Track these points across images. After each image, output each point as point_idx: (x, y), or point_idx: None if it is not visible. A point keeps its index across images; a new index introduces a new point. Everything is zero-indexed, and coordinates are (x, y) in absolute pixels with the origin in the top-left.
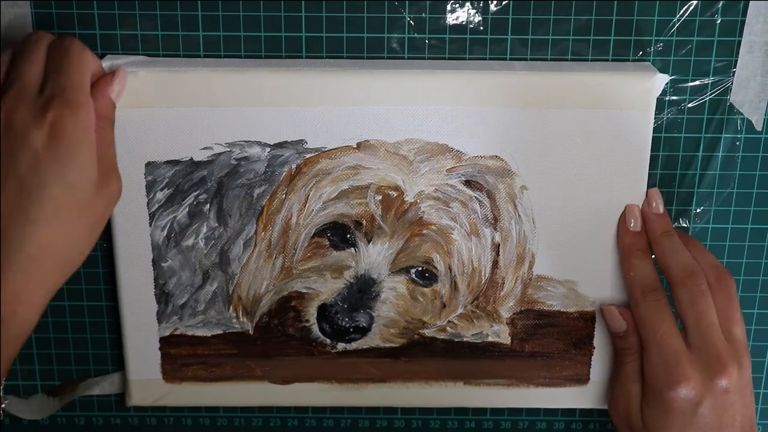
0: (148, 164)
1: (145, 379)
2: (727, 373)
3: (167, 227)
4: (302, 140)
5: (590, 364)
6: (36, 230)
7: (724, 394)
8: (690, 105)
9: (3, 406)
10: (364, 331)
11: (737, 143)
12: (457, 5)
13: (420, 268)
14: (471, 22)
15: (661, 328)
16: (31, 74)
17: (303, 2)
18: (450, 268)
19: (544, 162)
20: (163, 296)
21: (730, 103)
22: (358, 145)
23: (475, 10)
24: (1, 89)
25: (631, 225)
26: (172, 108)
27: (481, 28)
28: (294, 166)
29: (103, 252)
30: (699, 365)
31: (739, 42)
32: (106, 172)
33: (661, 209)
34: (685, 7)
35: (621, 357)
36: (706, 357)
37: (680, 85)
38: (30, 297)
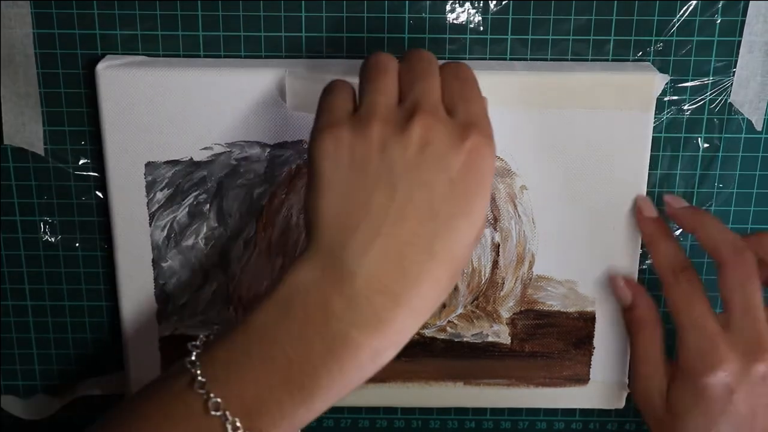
0: (148, 164)
1: (145, 379)
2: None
3: (167, 227)
4: (302, 140)
5: (590, 364)
6: (434, 266)
7: (763, 381)
8: (690, 105)
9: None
10: None
11: (737, 143)
12: (457, 5)
13: None
14: (471, 22)
15: (696, 309)
16: (435, 93)
17: (303, 2)
18: None
19: (544, 162)
20: (163, 296)
21: (730, 103)
22: None
23: (475, 10)
24: (400, 102)
25: (648, 212)
26: (172, 108)
27: (481, 28)
28: (294, 166)
29: (103, 252)
30: (738, 349)
31: (739, 42)
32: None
33: (654, 212)
34: (685, 7)
35: (629, 330)
36: (745, 340)
37: (680, 85)
38: (402, 338)
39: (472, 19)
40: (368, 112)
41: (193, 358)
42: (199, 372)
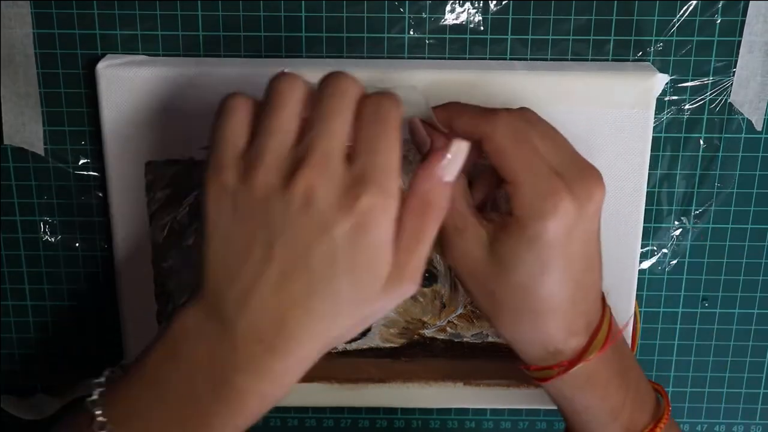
0: (148, 164)
1: None
2: (600, 195)
3: (167, 227)
4: None
5: None
6: (313, 323)
7: (593, 218)
8: (690, 105)
9: None
10: (363, 331)
11: (737, 143)
12: (457, 5)
13: None
14: (471, 22)
15: (526, 149)
16: (336, 139)
17: (303, 2)
18: (450, 268)
19: None
20: (163, 296)
21: (730, 103)
22: None
23: (475, 10)
24: (299, 145)
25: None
26: (172, 107)
27: (481, 28)
28: None
29: (103, 252)
30: (572, 188)
31: (739, 42)
32: (402, 270)
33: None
34: (685, 7)
35: None
36: (578, 177)
37: (680, 85)
38: (288, 380)
39: (472, 19)
40: (255, 157)
41: (95, 396)
42: (98, 412)
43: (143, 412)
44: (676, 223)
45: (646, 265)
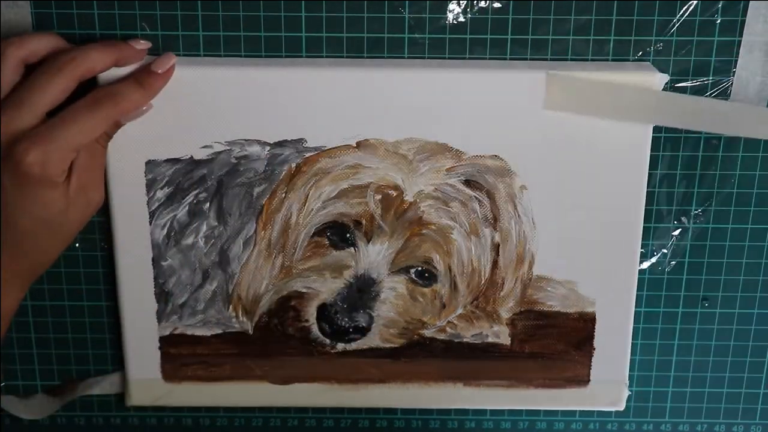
0: (149, 162)
1: (145, 378)
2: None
3: (167, 226)
4: (302, 139)
5: (590, 366)
6: (8, 251)
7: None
8: None
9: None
10: (363, 331)
11: (737, 143)
12: (457, 5)
13: (419, 268)
14: (471, 22)
15: None
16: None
17: (303, 2)
18: (450, 268)
19: (544, 162)
20: (162, 295)
21: None
22: (358, 144)
23: (475, 10)
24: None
25: None
26: (172, 107)
27: (481, 28)
28: (294, 164)
29: (103, 252)
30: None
31: (739, 42)
32: (82, 191)
33: None
34: (685, 7)
35: None
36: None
37: (680, 85)
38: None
39: (472, 19)
40: None
41: None
42: None
43: None
44: (676, 223)
45: (646, 265)
